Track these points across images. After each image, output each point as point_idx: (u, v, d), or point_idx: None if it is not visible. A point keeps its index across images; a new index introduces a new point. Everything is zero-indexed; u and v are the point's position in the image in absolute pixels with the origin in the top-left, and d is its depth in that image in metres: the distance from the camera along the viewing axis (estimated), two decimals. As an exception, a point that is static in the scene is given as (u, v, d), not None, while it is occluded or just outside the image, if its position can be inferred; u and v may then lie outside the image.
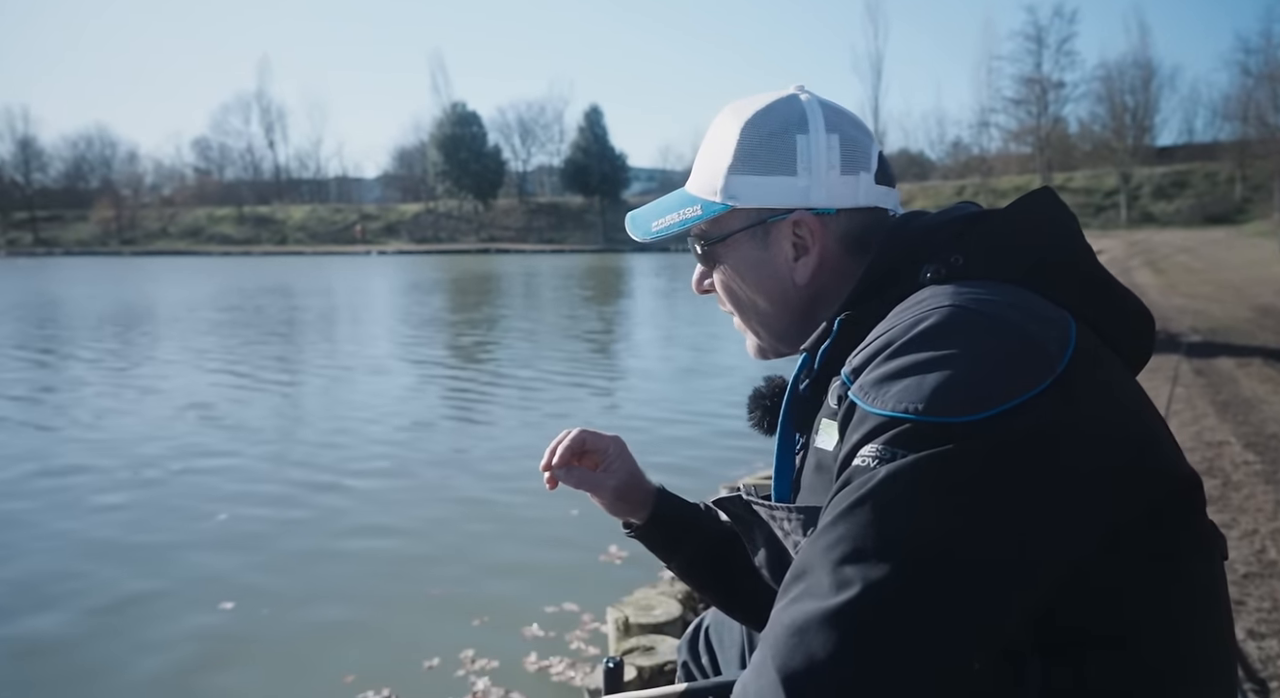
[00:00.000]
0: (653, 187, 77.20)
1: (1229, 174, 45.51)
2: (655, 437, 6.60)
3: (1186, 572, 0.71)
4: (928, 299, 0.73)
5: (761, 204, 0.89)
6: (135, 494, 5.38)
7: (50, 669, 3.30)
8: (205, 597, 3.85)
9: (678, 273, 32.26)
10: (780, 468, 0.89)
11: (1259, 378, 6.50)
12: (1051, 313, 0.72)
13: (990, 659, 0.62)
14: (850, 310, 0.81)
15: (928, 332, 0.68)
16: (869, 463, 0.65)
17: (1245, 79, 45.58)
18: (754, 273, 0.92)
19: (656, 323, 16.58)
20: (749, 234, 0.91)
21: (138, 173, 78.26)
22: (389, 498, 5.34)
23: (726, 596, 1.16)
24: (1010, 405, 0.63)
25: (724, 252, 0.93)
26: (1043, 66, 54.61)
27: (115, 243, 66.86)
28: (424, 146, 72.68)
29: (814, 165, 0.87)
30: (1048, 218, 0.81)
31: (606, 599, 3.17)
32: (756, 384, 0.98)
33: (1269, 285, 12.51)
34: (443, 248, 59.74)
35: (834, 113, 0.90)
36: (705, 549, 1.15)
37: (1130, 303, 0.81)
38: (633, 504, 1.16)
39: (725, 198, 0.90)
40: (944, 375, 0.65)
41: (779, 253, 0.90)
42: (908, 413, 0.64)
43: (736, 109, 0.92)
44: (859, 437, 0.67)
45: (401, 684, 3.05)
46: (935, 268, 0.77)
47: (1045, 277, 0.76)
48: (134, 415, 7.76)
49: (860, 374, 0.70)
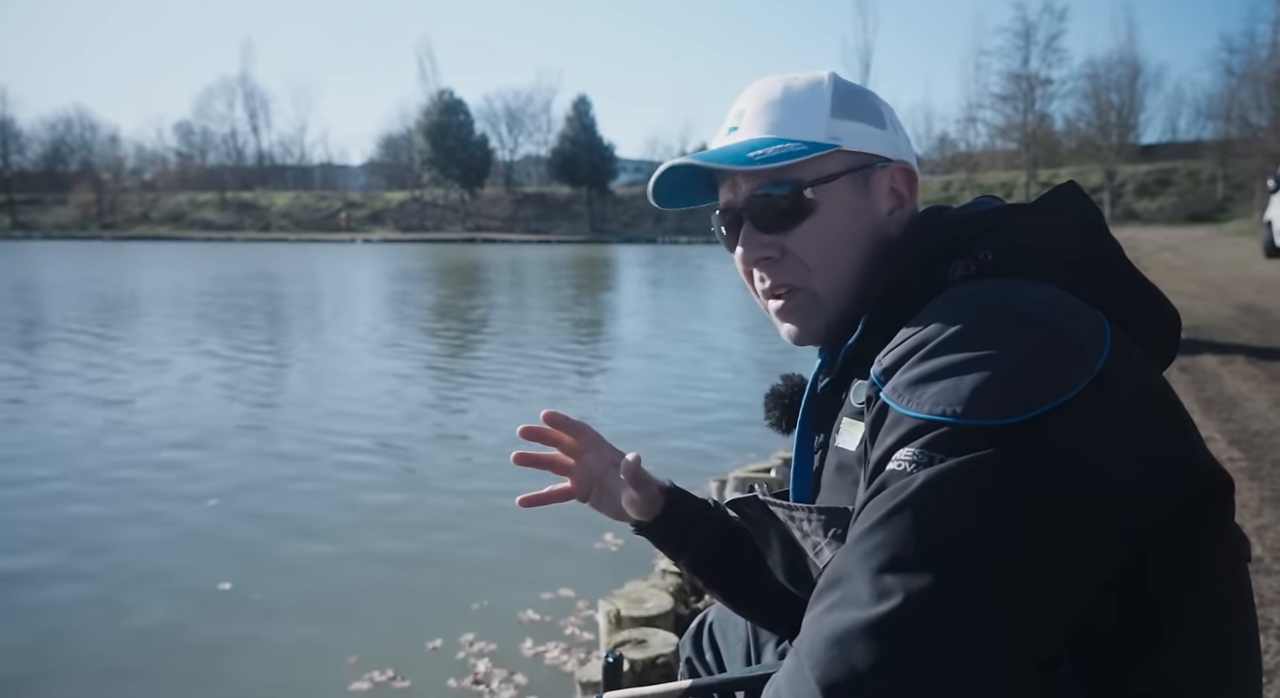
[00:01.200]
0: (640, 178, 76.98)
1: (1211, 173, 45.96)
2: (642, 431, 6.56)
3: (1219, 573, 0.70)
4: (960, 298, 0.71)
5: (866, 149, 0.86)
6: (126, 480, 5.35)
7: (47, 654, 3.29)
8: (201, 581, 3.87)
9: (666, 264, 32.23)
10: (799, 468, 0.87)
11: (1242, 376, 6.57)
12: (1085, 312, 0.70)
13: (1031, 666, 0.61)
14: (877, 308, 0.79)
15: (963, 332, 0.67)
16: (906, 467, 0.63)
17: (1229, 79, 46.07)
18: (853, 222, 0.86)
19: (645, 314, 16.57)
20: (852, 179, 0.86)
21: (118, 156, 77.29)
22: (385, 483, 5.35)
23: (736, 593, 1.14)
24: (1049, 407, 0.61)
25: (823, 197, 0.85)
26: (1030, 63, 54.91)
27: (95, 227, 65.95)
28: (410, 134, 72.15)
29: (895, 125, 0.88)
30: (1077, 213, 0.79)
31: (602, 586, 3.22)
32: (774, 383, 0.94)
33: (1250, 284, 12.65)
34: (429, 237, 59.38)
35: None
36: (715, 545, 1.12)
37: (1160, 302, 0.80)
38: (643, 504, 1.12)
39: (830, 138, 0.84)
40: (981, 377, 0.63)
41: (878, 203, 0.87)
42: (945, 416, 0.62)
43: (790, 75, 0.90)
44: (894, 440, 0.65)
45: (405, 666, 3.09)
46: (965, 265, 0.76)
47: (1076, 274, 0.75)
48: (127, 402, 7.70)
49: (891, 375, 0.68)
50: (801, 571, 0.89)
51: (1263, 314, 9.67)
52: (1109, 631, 0.66)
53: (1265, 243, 16.56)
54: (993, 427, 0.61)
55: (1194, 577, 0.68)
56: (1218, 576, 0.70)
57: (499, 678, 2.98)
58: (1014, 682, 0.59)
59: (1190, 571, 0.68)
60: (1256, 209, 26.12)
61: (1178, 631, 0.67)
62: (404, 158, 73.77)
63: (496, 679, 2.98)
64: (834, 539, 0.80)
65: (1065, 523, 0.61)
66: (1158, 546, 0.66)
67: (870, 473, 0.67)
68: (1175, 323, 0.81)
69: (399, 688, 2.97)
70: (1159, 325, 0.79)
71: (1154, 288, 0.80)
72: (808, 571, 0.87)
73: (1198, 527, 0.68)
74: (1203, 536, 0.69)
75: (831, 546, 0.80)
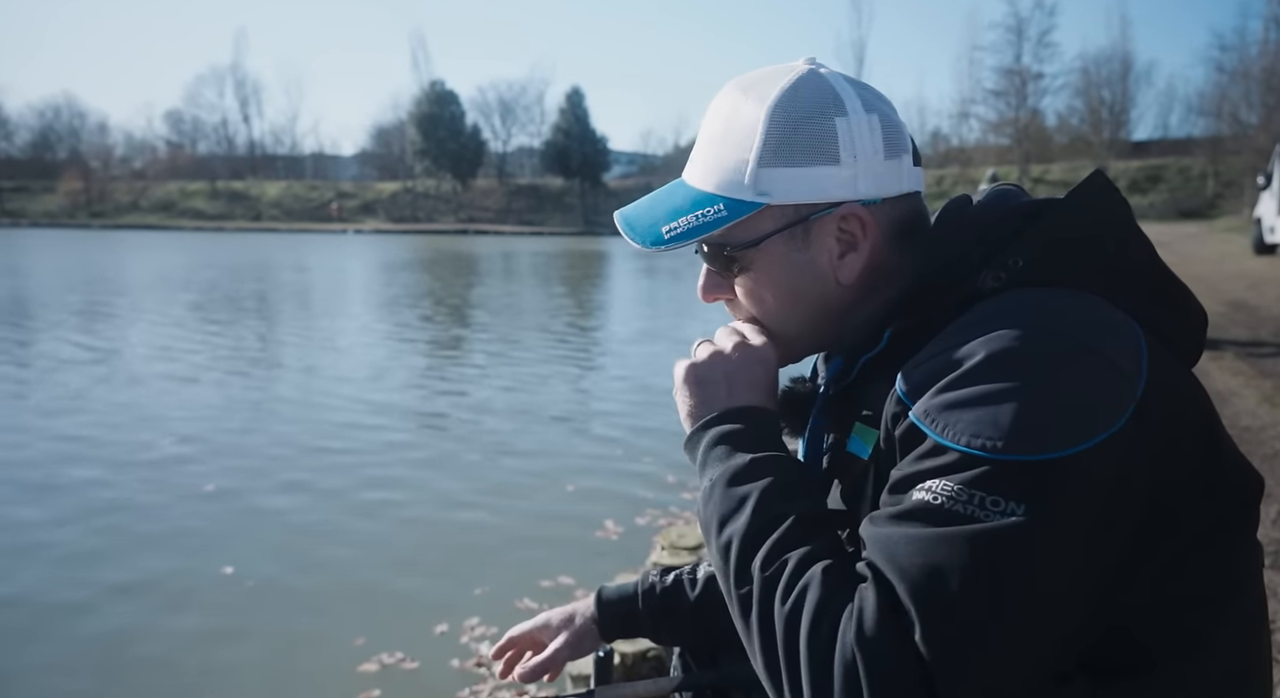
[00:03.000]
0: (633, 170, 76.88)
1: (1202, 169, 46.13)
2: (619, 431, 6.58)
3: (1242, 583, 0.71)
4: (997, 316, 0.67)
5: (802, 199, 0.78)
6: (118, 468, 5.34)
7: (58, 638, 3.31)
8: (203, 564, 3.92)
9: (656, 260, 32.20)
10: (808, 470, 0.84)
11: (1231, 371, 6.61)
12: (1123, 327, 0.68)
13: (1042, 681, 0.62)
14: (901, 321, 0.75)
15: (1001, 356, 0.64)
16: (942, 502, 0.62)
17: (1220, 76, 46.22)
18: (792, 278, 0.81)
19: (637, 306, 16.56)
20: (786, 235, 0.79)
21: (107, 144, 76.72)
22: (389, 473, 5.38)
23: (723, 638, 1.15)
24: (1094, 442, 0.60)
25: (754, 256, 0.80)
26: (1022, 58, 54.97)
27: (84, 216, 65.47)
28: (402, 125, 71.76)
29: (859, 151, 0.77)
30: (1108, 211, 0.75)
31: (601, 574, 3.27)
32: (784, 385, 0.89)
33: (1240, 280, 12.72)
34: (420, 228, 59.14)
35: (864, 90, 0.80)
36: (682, 620, 1.14)
37: (1188, 300, 0.77)
38: (584, 643, 1.15)
39: (756, 195, 0.77)
40: (1022, 407, 0.61)
41: (822, 252, 0.80)
42: (985, 451, 0.61)
43: (748, 88, 0.79)
44: (927, 468, 0.64)
45: (412, 648, 3.15)
46: (995, 274, 0.72)
47: (1110, 278, 0.72)
48: (122, 391, 7.67)
49: (920, 394, 0.66)
50: None
51: (1252, 311, 9.73)
52: (1132, 644, 0.66)
53: (1255, 240, 16.66)
54: (1035, 462, 0.60)
55: (1219, 587, 0.68)
56: (1240, 586, 0.70)
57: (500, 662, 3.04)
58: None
59: (1216, 581, 0.68)
60: (1246, 206, 26.26)
61: (1199, 642, 0.67)
62: (396, 148, 73.36)
63: (498, 664, 3.02)
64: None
65: (1108, 550, 0.62)
66: (1191, 559, 0.66)
67: (894, 485, 0.66)
68: (1202, 320, 0.78)
69: (408, 669, 3.04)
70: (1187, 324, 0.77)
71: (1183, 286, 0.77)
72: None
73: (1230, 538, 0.69)
74: (1233, 546, 0.69)
75: None
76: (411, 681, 2.98)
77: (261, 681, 3.03)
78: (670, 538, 3.32)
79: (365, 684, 2.94)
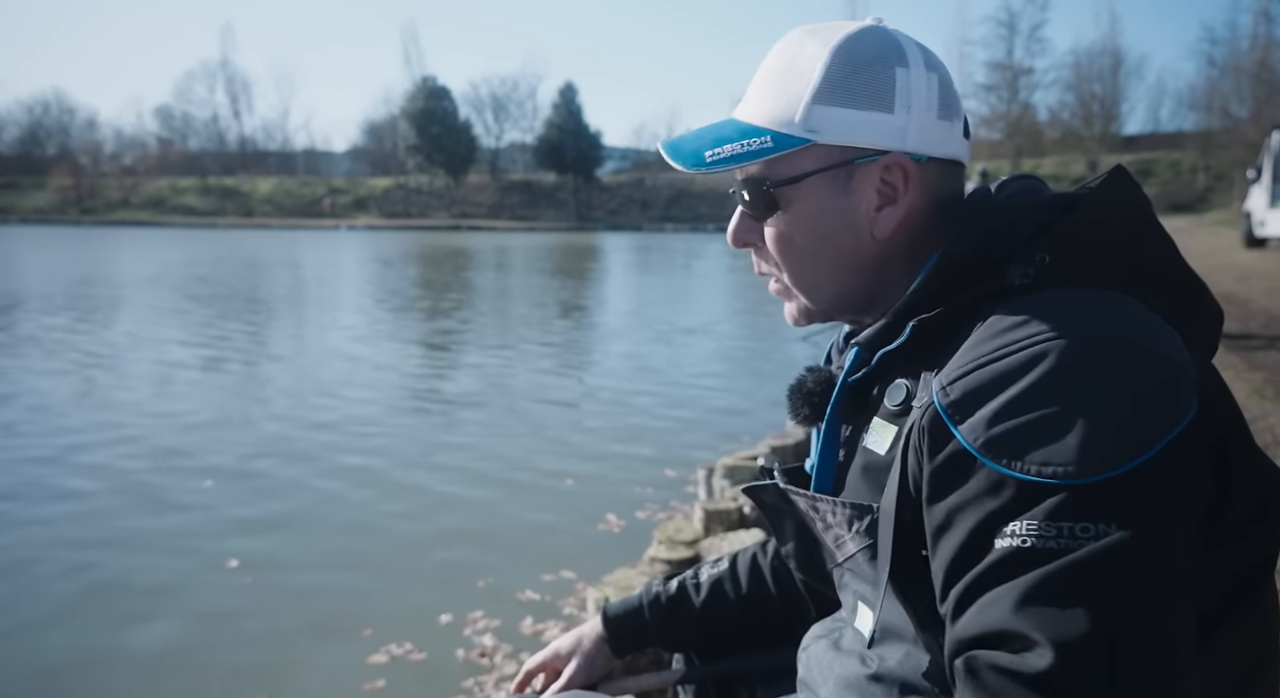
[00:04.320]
0: (627, 165, 76.64)
1: (1192, 163, 46.29)
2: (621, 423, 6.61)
3: (1266, 573, 0.71)
4: (1033, 322, 0.65)
5: (850, 142, 0.77)
6: (114, 464, 5.35)
7: (67, 632, 3.33)
8: (209, 559, 3.96)
9: (650, 253, 32.15)
10: (824, 461, 0.84)
11: (1221, 364, 6.58)
12: (1159, 325, 0.67)
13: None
14: (922, 313, 0.73)
15: (1054, 372, 0.62)
16: (1035, 543, 0.58)
17: (1210, 70, 46.42)
18: (827, 223, 0.79)
19: (631, 301, 16.57)
20: (829, 176, 0.78)
21: (97, 140, 76.15)
22: (387, 468, 5.41)
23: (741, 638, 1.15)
24: (1164, 443, 0.59)
25: (792, 196, 0.79)
26: (1014, 53, 55.05)
27: (74, 212, 65.03)
28: (395, 120, 71.45)
29: (914, 103, 0.76)
30: (1132, 208, 0.74)
31: (602, 567, 3.30)
32: (800, 375, 0.88)
33: (1230, 272, 12.80)
34: (413, 224, 58.96)
35: (927, 51, 0.79)
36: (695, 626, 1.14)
37: (1207, 297, 0.76)
38: (604, 659, 1.17)
39: (805, 130, 0.76)
40: (1088, 425, 0.59)
41: (861, 200, 0.78)
42: (1059, 479, 0.59)
43: (815, 31, 0.79)
44: (1000, 505, 0.60)
45: (420, 639, 3.20)
46: (1023, 270, 0.70)
47: (1136, 275, 0.71)
48: (123, 388, 7.66)
49: (965, 412, 0.63)
50: (817, 560, 0.90)
51: (1242, 303, 9.80)
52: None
53: (1245, 233, 16.75)
54: (1113, 479, 0.58)
55: (1245, 580, 0.69)
56: (1263, 577, 0.71)
57: (502, 653, 3.10)
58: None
59: (1243, 574, 0.69)
60: (1236, 199, 26.34)
61: (1219, 638, 0.67)
62: (388, 144, 73.06)
63: (500, 654, 3.09)
64: (858, 534, 0.79)
65: (1192, 547, 0.61)
66: (1223, 553, 0.66)
67: (969, 534, 0.62)
68: (1219, 319, 0.78)
69: (416, 660, 3.09)
70: (1206, 322, 0.76)
71: (1202, 284, 0.76)
72: (822, 561, 0.88)
73: (1257, 532, 0.69)
74: (1260, 540, 0.69)
75: (856, 540, 0.79)
76: (420, 671, 3.02)
77: (268, 671, 3.05)
78: (668, 532, 3.33)
79: (374, 675, 2.98)
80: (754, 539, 3.09)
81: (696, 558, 3.03)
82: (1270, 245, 16.13)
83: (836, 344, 0.92)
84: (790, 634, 1.01)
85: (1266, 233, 15.39)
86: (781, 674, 1.04)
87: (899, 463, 0.71)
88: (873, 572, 0.78)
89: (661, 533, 3.37)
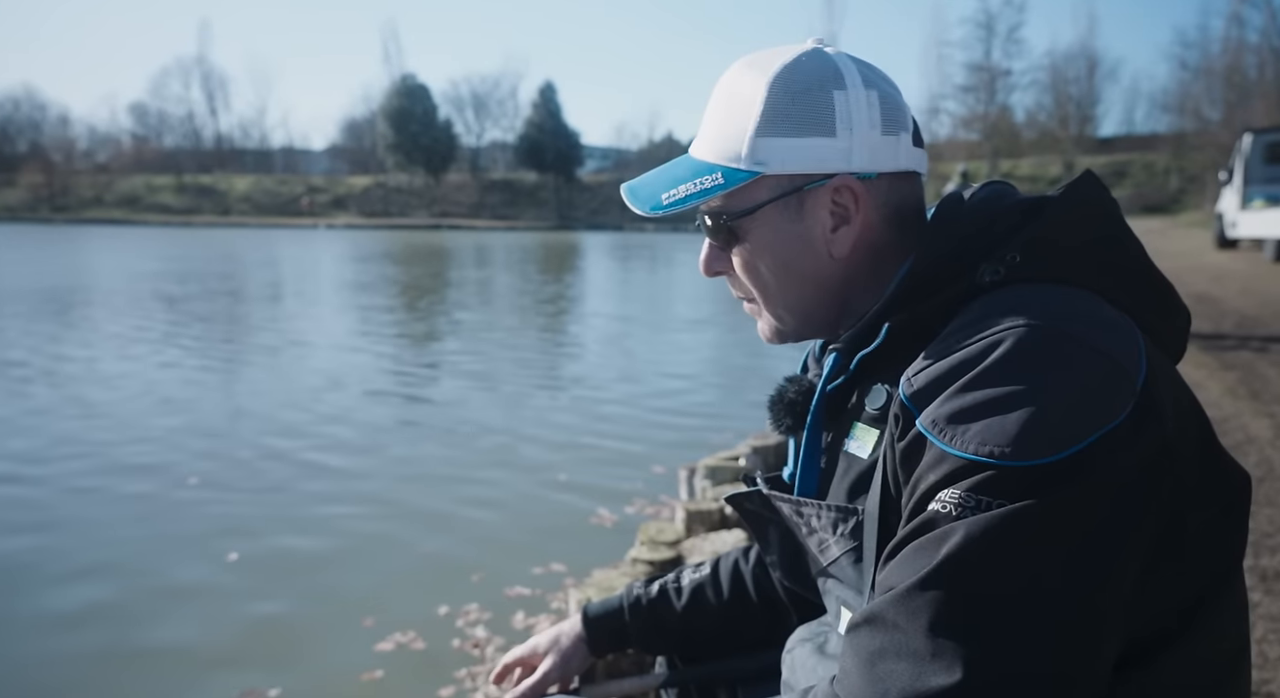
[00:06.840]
0: (607, 165, 76.68)
1: (1166, 165, 46.94)
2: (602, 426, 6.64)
3: (1233, 571, 0.72)
4: (996, 313, 0.67)
5: (797, 170, 0.79)
6: (112, 463, 5.32)
7: (71, 623, 3.33)
8: (206, 553, 3.98)
9: (631, 251, 32.16)
10: (807, 467, 0.85)
11: (1194, 363, 6.74)
12: (1122, 325, 0.69)
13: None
14: (897, 315, 0.75)
15: (1005, 360, 0.64)
16: (951, 510, 0.61)
17: (1183, 73, 47.05)
18: (785, 248, 0.82)
19: (613, 303, 16.57)
20: (781, 205, 0.80)
21: (69, 137, 75.08)
22: (384, 464, 5.43)
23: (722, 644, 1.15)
24: (1096, 437, 0.60)
25: (749, 226, 0.82)
26: (992, 54, 55.59)
27: (45, 210, 64.07)
28: (374, 118, 70.97)
29: (855, 124, 0.78)
30: (1101, 210, 0.76)
31: (594, 562, 3.34)
32: (779, 385, 0.90)
33: (1203, 274, 12.98)
34: (393, 223, 58.62)
35: (866, 68, 0.81)
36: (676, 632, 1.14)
37: (1174, 299, 0.78)
38: (580, 658, 1.16)
39: (752, 164, 0.79)
40: (1028, 412, 0.61)
41: (815, 224, 0.81)
42: (991, 457, 0.61)
43: (754, 62, 0.81)
44: (937, 479, 0.63)
45: (419, 628, 3.24)
46: (993, 270, 0.72)
47: (1104, 275, 0.73)
48: (114, 388, 7.55)
49: (926, 401, 0.66)
50: (800, 566, 0.91)
51: (1215, 303, 9.93)
52: (1137, 639, 0.66)
53: (1217, 234, 16.98)
54: (1041, 466, 0.60)
55: (1212, 579, 0.69)
56: (1230, 575, 0.72)
57: (494, 646, 3.15)
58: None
59: (1209, 573, 0.69)
60: (1209, 201, 26.79)
61: (1187, 636, 0.68)
62: (367, 142, 72.62)
63: (492, 647, 3.14)
64: (842, 538, 0.80)
65: (1115, 555, 0.61)
66: (1189, 552, 0.67)
67: (911, 509, 0.66)
68: (1186, 320, 0.80)
69: (417, 649, 3.14)
70: (1173, 323, 0.78)
71: (1170, 285, 0.78)
72: (806, 567, 0.89)
73: (1223, 530, 0.70)
74: (1225, 538, 0.70)
75: (840, 543, 0.80)
76: (418, 661, 3.07)
77: (273, 660, 3.08)
78: (650, 533, 3.32)
79: (377, 663, 3.02)
80: (735, 540, 3.09)
81: (678, 559, 3.03)
82: (1241, 246, 16.37)
83: (813, 353, 0.94)
84: (770, 640, 1.02)
85: (1238, 234, 15.60)
86: (764, 677, 1.05)
87: (881, 465, 0.72)
88: (856, 576, 0.79)
89: (643, 534, 3.36)
